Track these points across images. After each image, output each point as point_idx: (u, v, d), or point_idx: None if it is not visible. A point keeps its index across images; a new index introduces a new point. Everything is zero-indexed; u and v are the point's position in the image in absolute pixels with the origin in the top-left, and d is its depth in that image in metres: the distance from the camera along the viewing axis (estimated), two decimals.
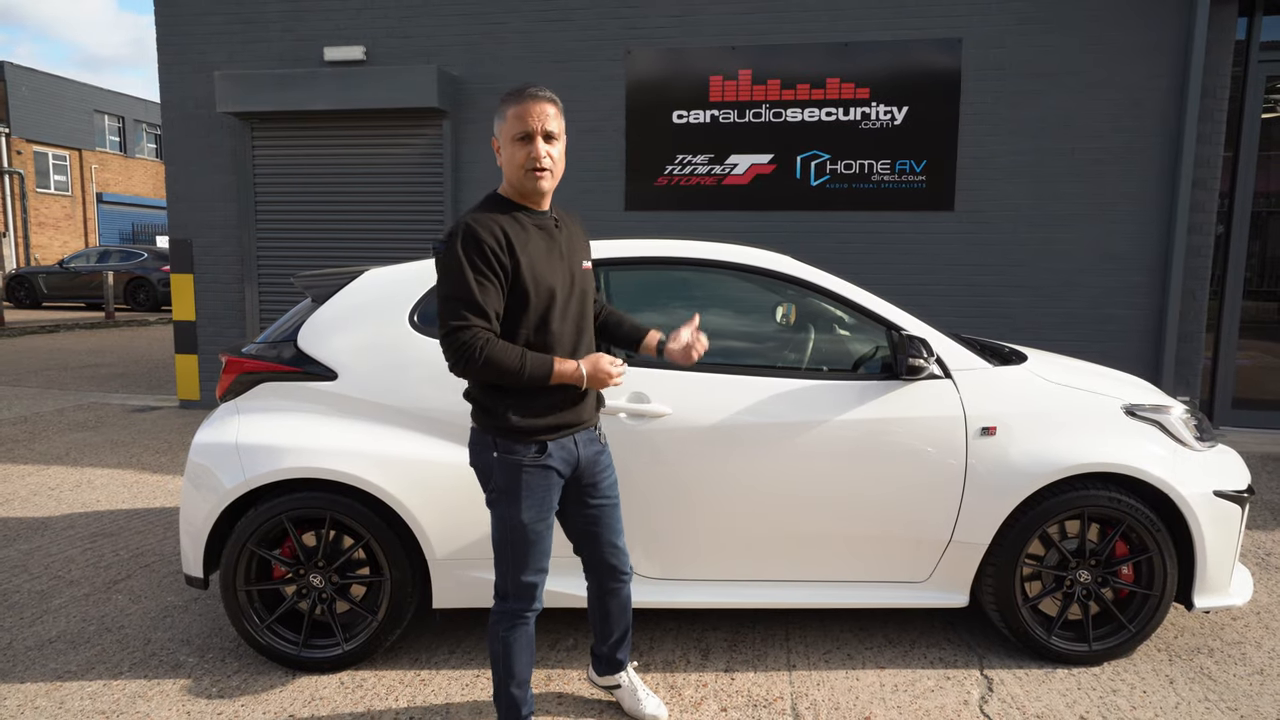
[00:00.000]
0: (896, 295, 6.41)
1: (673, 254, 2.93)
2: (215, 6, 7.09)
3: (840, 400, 2.76)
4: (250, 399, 2.82)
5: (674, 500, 2.76)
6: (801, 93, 6.37)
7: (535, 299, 2.01)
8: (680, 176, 6.59)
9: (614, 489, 2.30)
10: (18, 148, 26.80)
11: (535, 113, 1.99)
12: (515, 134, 2.01)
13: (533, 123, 1.99)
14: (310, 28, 6.97)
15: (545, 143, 2.01)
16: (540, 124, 2.00)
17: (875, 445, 2.74)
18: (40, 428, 6.65)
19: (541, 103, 2.01)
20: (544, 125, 2.00)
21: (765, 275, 2.91)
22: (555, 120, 2.03)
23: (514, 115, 2.01)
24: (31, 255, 26.58)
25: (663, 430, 2.72)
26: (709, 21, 6.46)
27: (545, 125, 2.00)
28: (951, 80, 6.22)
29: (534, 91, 2.02)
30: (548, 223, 2.10)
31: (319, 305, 2.91)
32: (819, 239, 6.42)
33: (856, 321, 2.96)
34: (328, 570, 2.74)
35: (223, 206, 7.26)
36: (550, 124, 2.01)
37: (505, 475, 2.08)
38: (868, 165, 6.37)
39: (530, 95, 2.01)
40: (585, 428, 2.18)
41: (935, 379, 2.78)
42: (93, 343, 12.64)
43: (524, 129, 1.99)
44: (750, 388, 2.77)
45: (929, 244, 6.38)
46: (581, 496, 2.24)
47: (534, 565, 2.14)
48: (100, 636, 3.05)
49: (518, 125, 2.00)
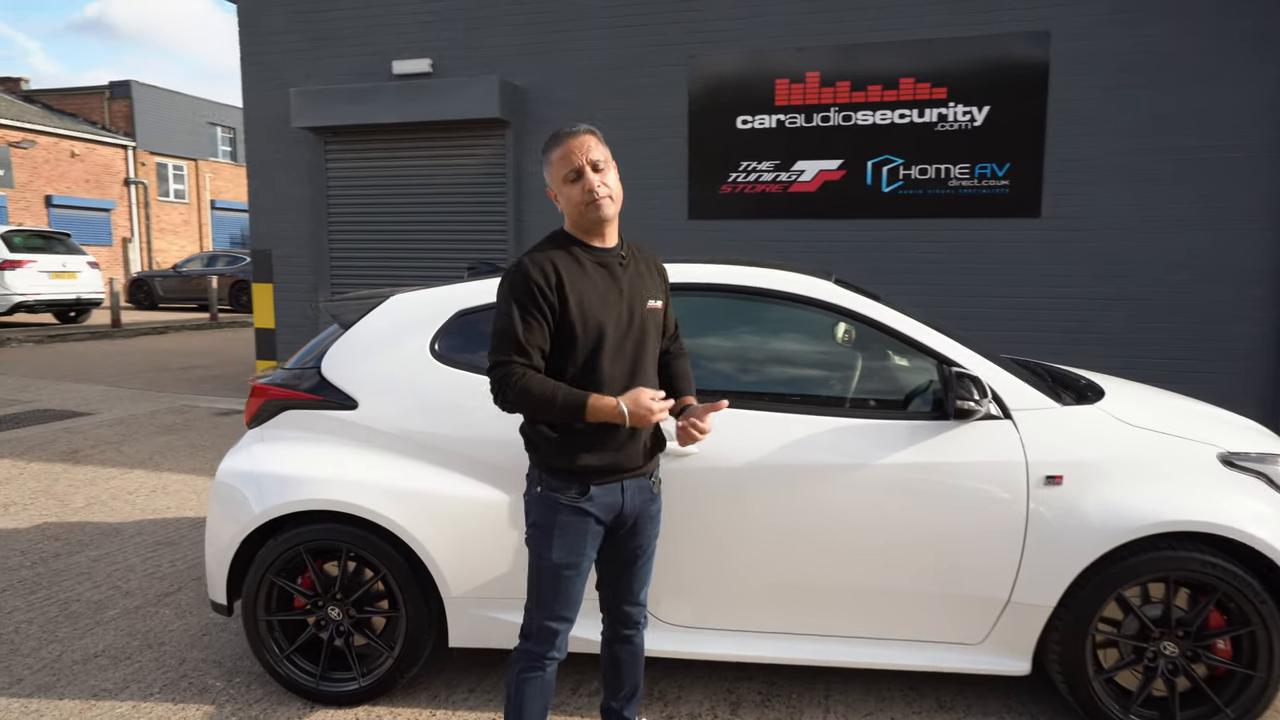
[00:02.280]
0: (972, 309, 6.01)
1: (699, 280, 2.75)
2: (293, 25, 7.31)
3: (886, 441, 2.52)
4: (273, 427, 2.81)
5: (703, 544, 2.59)
6: (873, 94, 6.04)
7: (583, 336, 1.96)
8: (745, 184, 6.37)
9: (653, 542, 2.20)
10: (142, 159, 28.78)
11: (576, 148, 1.96)
12: (565, 175, 1.97)
13: (577, 158, 1.95)
14: (380, 42, 7.10)
15: (595, 172, 1.96)
16: (584, 156, 1.95)
17: (924, 492, 2.49)
18: (133, 430, 7.01)
19: (579, 136, 1.98)
20: (588, 156, 1.96)
21: (800, 302, 2.69)
22: (598, 149, 1.98)
23: (558, 158, 1.98)
24: (153, 259, 28.48)
25: (691, 469, 2.55)
26: (775, 22, 6.21)
27: (589, 156, 1.96)
28: (1038, 76, 5.76)
29: (569, 130, 2.00)
30: (610, 259, 2.03)
31: (344, 331, 2.88)
32: (889, 248, 6.08)
33: (906, 353, 2.70)
34: (345, 603, 2.70)
35: (299, 218, 7.49)
36: (594, 153, 1.96)
37: (542, 512, 2.04)
38: (944, 169, 5.99)
39: (567, 134, 1.99)
40: (636, 475, 2.08)
41: (993, 419, 2.50)
42: (195, 344, 13.37)
43: (571, 166, 1.96)
44: (786, 425, 2.56)
45: (1010, 253, 5.94)
46: (618, 543, 2.14)
47: (558, 611, 2.06)
48: (141, 653, 3.11)
49: (564, 165, 1.97)
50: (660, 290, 2.14)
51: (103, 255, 25.58)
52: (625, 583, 2.19)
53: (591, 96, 6.64)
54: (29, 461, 5.81)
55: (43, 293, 13.51)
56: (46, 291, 13.57)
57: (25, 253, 13.48)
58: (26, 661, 3.04)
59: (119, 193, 26.70)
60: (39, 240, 14.12)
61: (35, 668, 3.00)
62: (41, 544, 4.23)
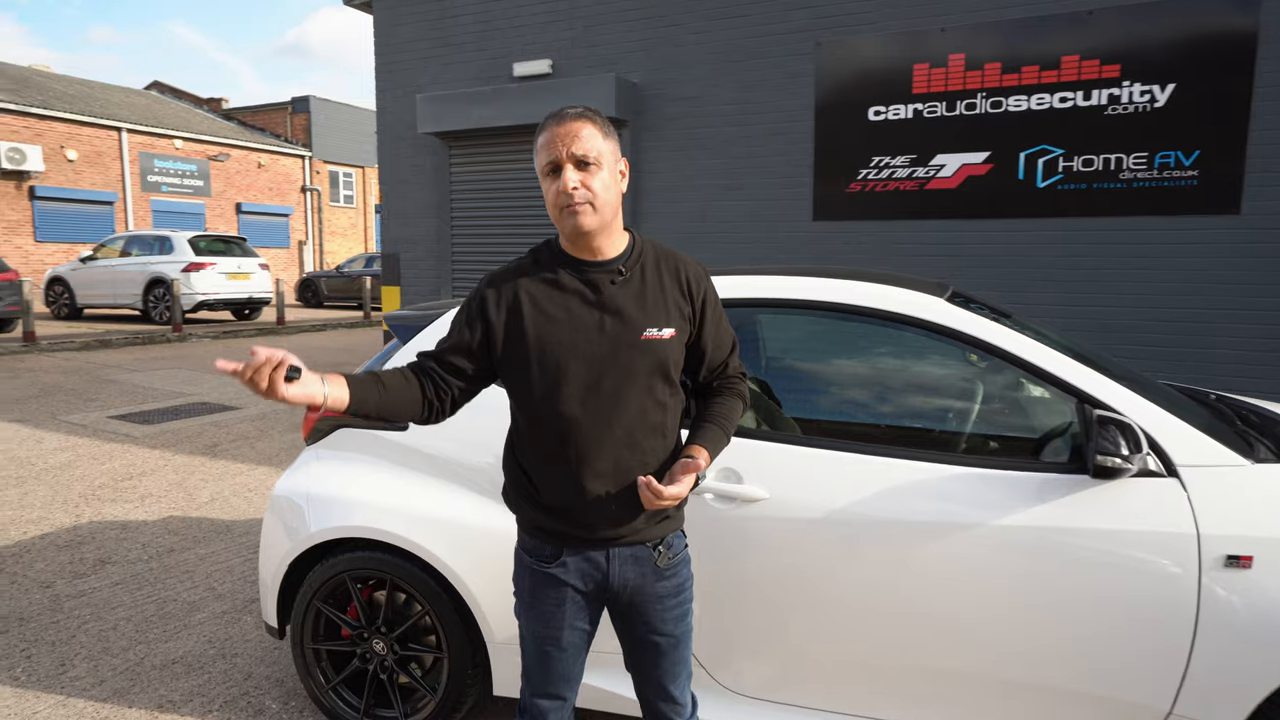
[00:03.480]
0: (1145, 325, 5.15)
1: (777, 295, 2.36)
2: (421, 33, 7.45)
3: (1008, 496, 2.03)
4: (327, 445, 2.69)
5: (769, 606, 2.20)
6: (1028, 76, 5.31)
7: (537, 373, 1.63)
8: (876, 181, 5.80)
9: (679, 625, 1.75)
10: (317, 168, 31.26)
11: (561, 136, 1.58)
12: (542, 166, 1.61)
13: (557, 148, 1.58)
14: (501, 45, 7.09)
15: (577, 170, 1.58)
16: (565, 147, 1.57)
17: (1056, 563, 1.98)
18: (269, 425, 7.40)
19: (567, 123, 1.59)
20: (570, 148, 1.57)
21: (896, 322, 2.24)
22: (591, 140, 1.58)
23: (541, 145, 1.62)
24: (323, 261, 30.87)
25: (758, 518, 2.18)
26: (913, 1, 5.60)
27: (572, 148, 1.57)
28: (1241, 47, 4.83)
29: (561, 113, 1.61)
30: (599, 277, 1.65)
31: (401, 346, 2.72)
32: (1043, 250, 5.32)
33: (1039, 386, 2.19)
34: (389, 638, 2.53)
35: (424, 222, 7.63)
36: (581, 146, 1.57)
37: (518, 574, 1.79)
38: (1115, 159, 5.16)
39: (555, 118, 1.61)
40: (621, 543, 1.66)
41: (1152, 477, 1.95)
42: (345, 341, 14.20)
43: (549, 158, 1.59)
44: (877, 471, 2.13)
45: (1197, 256, 5.03)
46: (629, 624, 1.75)
47: (545, 687, 1.77)
48: (214, 663, 3.11)
49: (544, 155, 1.61)
50: (678, 315, 1.67)
51: (281, 257, 27.98)
52: (652, 675, 1.79)
53: (710, 91, 6.29)
54: (175, 454, 6.21)
55: (221, 292, 14.81)
56: (224, 291, 14.87)
57: (208, 256, 14.83)
58: (113, 662, 3.11)
59: (296, 199, 29.09)
60: (220, 244, 15.51)
61: (119, 669, 3.06)
62: (162, 538, 4.43)
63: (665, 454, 1.70)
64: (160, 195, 24.16)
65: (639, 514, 1.66)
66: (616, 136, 1.68)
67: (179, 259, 14.48)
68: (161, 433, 6.84)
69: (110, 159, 22.77)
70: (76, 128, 21.89)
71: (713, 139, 6.36)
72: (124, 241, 15.45)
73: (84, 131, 22.11)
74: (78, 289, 15.50)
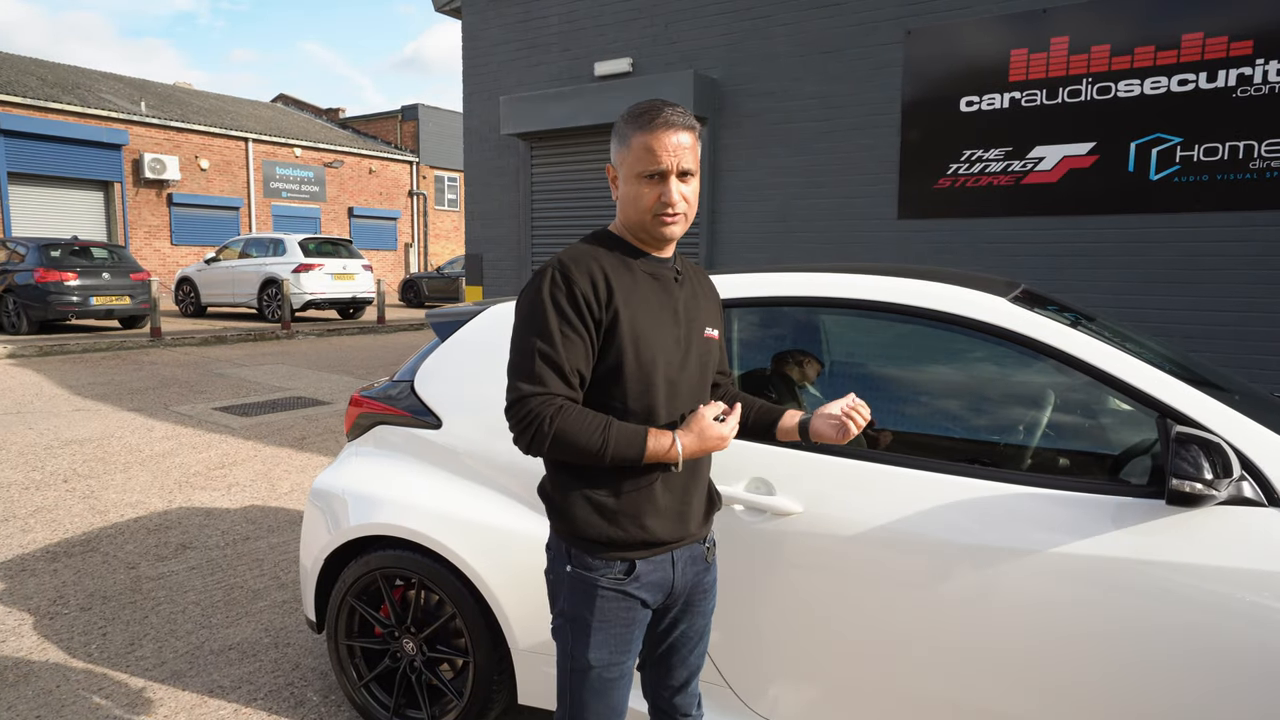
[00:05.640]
0: (1277, 331, 4.60)
1: (823, 294, 2.18)
2: (507, 35, 7.54)
3: (1076, 520, 1.80)
4: (365, 442, 2.69)
5: (799, 627, 2.03)
6: (1142, 58, 4.84)
7: (634, 365, 1.53)
8: (967, 176, 5.44)
9: (709, 617, 1.76)
10: (423, 173, 32.53)
11: (670, 146, 1.52)
12: (643, 170, 1.54)
13: (666, 159, 1.52)
14: (583, 45, 7.08)
15: (680, 182, 1.55)
16: (676, 160, 1.52)
17: (1130, 600, 1.73)
18: None
19: (677, 131, 1.53)
20: (680, 162, 1.53)
21: (953, 323, 2.02)
22: (692, 153, 1.55)
23: (642, 146, 1.53)
24: (427, 262, 32.07)
25: (789, 533, 2.01)
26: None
27: (681, 162, 1.53)
28: None
29: (669, 116, 1.53)
30: (665, 272, 1.62)
31: (440, 344, 2.69)
32: (1157, 251, 4.84)
33: (1120, 398, 1.93)
34: (418, 638, 2.50)
35: (506, 223, 7.73)
36: (686, 159, 1.54)
37: (575, 598, 1.59)
38: (1244, 148, 4.63)
39: (664, 122, 1.52)
40: (690, 542, 1.65)
41: (1246, 505, 1.67)
42: None
43: (655, 166, 1.53)
44: (924, 487, 1.93)
45: None
46: (665, 628, 1.71)
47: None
48: (266, 652, 3.18)
49: (648, 160, 1.53)
50: (717, 318, 1.75)
51: (388, 259, 29.24)
52: (673, 668, 1.73)
53: (792, 85, 6.07)
54: (266, 445, 6.51)
55: (327, 292, 15.57)
56: (330, 291, 15.62)
57: (316, 257, 15.62)
58: (176, 645, 3.23)
59: (404, 203, 30.33)
60: (328, 246, 16.31)
61: (180, 652, 3.17)
62: (240, 526, 4.62)
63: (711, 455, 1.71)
64: (280, 201, 25.69)
65: (703, 511, 1.68)
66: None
67: (290, 260, 15.31)
68: (257, 424, 7.19)
69: (237, 167, 24.39)
70: (209, 139, 23.57)
71: (794, 135, 6.13)
72: (243, 244, 16.47)
73: (215, 142, 23.77)
74: (202, 288, 16.64)
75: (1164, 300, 4.92)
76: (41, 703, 2.79)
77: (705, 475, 1.68)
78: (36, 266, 12.37)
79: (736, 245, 6.47)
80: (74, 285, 12.45)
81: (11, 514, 4.73)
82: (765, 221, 6.36)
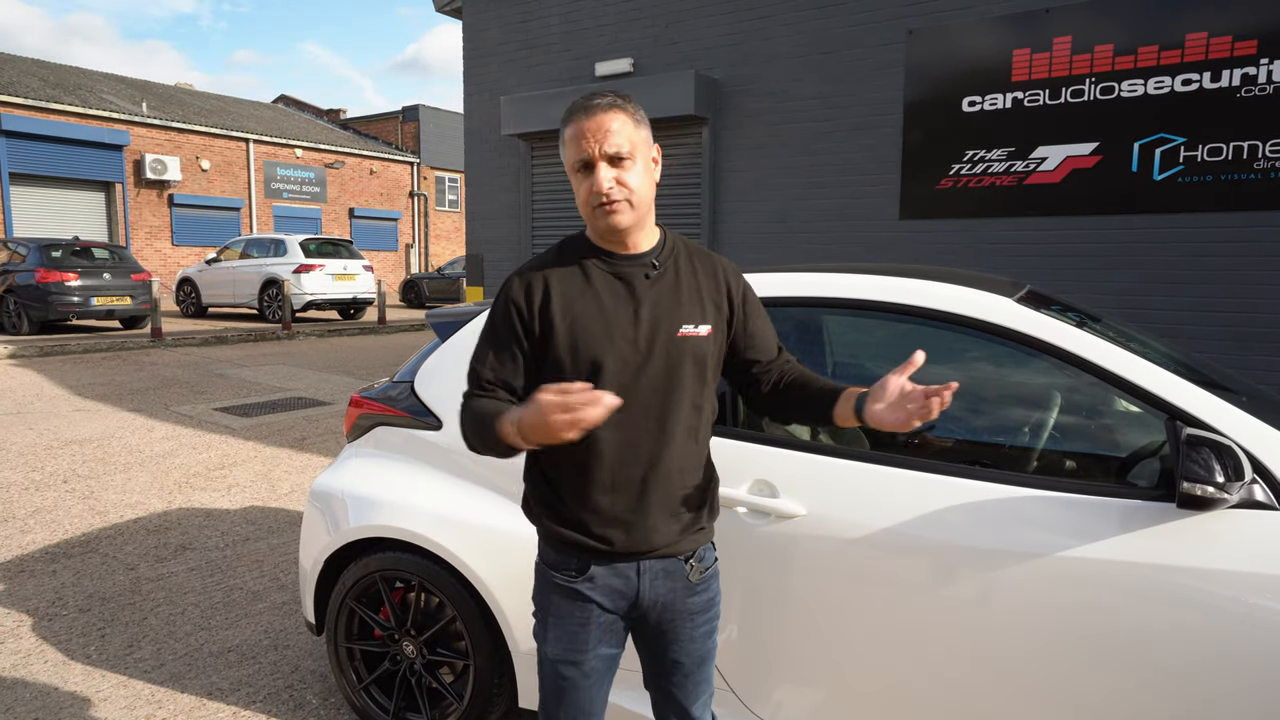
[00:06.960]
0: (1277, 335, 4.58)
1: (826, 294, 2.16)
2: (508, 35, 7.53)
3: (1084, 523, 1.78)
4: (365, 443, 2.67)
5: (802, 631, 2.02)
6: (1145, 58, 4.82)
7: (571, 373, 1.50)
8: (969, 177, 5.42)
9: (706, 643, 1.65)
10: (424, 174, 32.53)
11: (591, 131, 1.47)
12: (572, 163, 1.51)
13: (588, 146, 1.47)
14: (585, 45, 7.07)
15: (611, 167, 1.48)
16: (598, 144, 1.46)
17: (1139, 604, 1.71)
18: None
19: (597, 115, 1.47)
20: (603, 146, 1.46)
21: (959, 324, 2.00)
22: (622, 132, 1.47)
23: (569, 139, 1.51)
24: (428, 263, 32.07)
25: (793, 536, 2.00)
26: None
27: (605, 146, 1.46)
28: None
29: (588, 102, 1.49)
30: (632, 271, 1.55)
31: (440, 344, 2.67)
32: (1160, 252, 4.82)
33: (1128, 399, 1.91)
34: (418, 640, 2.48)
35: (506, 223, 7.71)
36: (613, 141, 1.46)
37: (538, 590, 1.66)
38: (1249, 148, 4.61)
39: (581, 108, 1.49)
40: (658, 555, 1.56)
41: (1257, 509, 1.65)
42: None
43: (578, 155, 1.49)
44: (930, 489, 1.91)
45: None
46: (654, 643, 1.64)
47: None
48: (266, 654, 3.16)
49: (573, 151, 1.50)
50: (715, 313, 1.58)
51: (389, 259, 29.22)
52: (670, 693, 1.67)
53: (793, 86, 6.06)
54: (267, 445, 6.49)
55: (328, 292, 15.56)
56: (331, 291, 15.61)
57: (317, 258, 15.61)
58: (175, 647, 3.21)
59: (404, 204, 30.32)
60: (329, 247, 16.30)
61: (179, 654, 3.15)
62: (240, 527, 4.60)
63: (700, 459, 1.60)
64: (281, 201, 25.69)
65: (674, 525, 1.56)
66: (648, 121, 1.56)
67: (291, 261, 15.31)
68: (257, 425, 7.17)
69: (238, 168, 24.38)
70: (210, 139, 23.56)
71: (795, 135, 6.11)
72: (243, 244, 16.46)
73: (216, 143, 23.77)
74: (203, 289, 16.64)
75: (1167, 301, 4.90)
76: (39, 705, 2.77)
77: (671, 486, 1.54)
78: (37, 267, 12.37)
79: (737, 246, 6.45)
80: (75, 286, 12.44)
81: (11, 514, 4.72)
82: (766, 222, 6.34)
